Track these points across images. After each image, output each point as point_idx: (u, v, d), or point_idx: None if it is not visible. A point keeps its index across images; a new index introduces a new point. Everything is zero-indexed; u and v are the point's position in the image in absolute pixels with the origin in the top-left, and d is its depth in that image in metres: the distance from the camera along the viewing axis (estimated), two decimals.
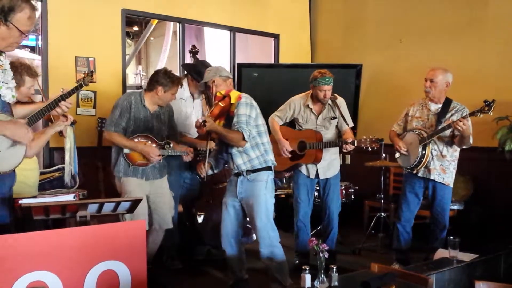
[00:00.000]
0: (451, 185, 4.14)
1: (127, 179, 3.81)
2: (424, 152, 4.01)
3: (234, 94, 3.42)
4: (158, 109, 3.93)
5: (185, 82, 4.36)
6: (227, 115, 3.46)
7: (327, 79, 4.10)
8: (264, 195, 3.41)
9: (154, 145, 3.80)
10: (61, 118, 3.31)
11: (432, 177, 4.08)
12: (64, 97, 2.77)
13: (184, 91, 4.33)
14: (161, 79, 3.79)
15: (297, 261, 4.34)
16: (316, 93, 4.18)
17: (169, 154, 3.83)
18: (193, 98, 4.41)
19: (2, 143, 2.54)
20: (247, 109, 3.38)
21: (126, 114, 3.78)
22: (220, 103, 3.41)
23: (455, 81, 5.14)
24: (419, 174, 4.14)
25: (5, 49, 2.55)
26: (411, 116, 4.24)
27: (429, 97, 4.14)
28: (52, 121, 3.45)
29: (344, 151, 4.08)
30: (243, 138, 3.33)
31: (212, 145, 4.20)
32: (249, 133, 3.35)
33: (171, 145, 3.83)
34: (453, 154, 4.11)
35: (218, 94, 3.48)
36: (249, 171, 3.44)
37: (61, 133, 3.41)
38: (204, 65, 4.38)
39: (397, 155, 4.27)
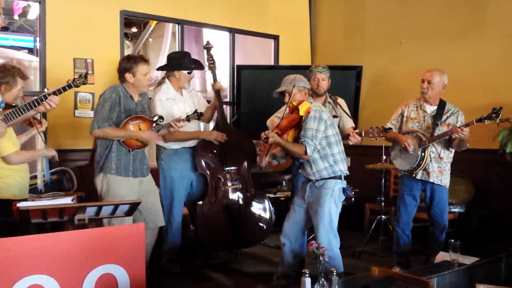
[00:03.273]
0: (448, 186, 4.15)
1: (118, 180, 3.67)
2: (423, 154, 4.00)
3: (304, 106, 3.43)
4: (140, 98, 3.86)
5: (167, 84, 4.29)
6: (299, 126, 3.52)
7: (319, 68, 4.16)
8: (328, 203, 3.48)
9: (145, 125, 3.71)
10: (35, 124, 3.40)
11: (431, 180, 4.08)
12: (46, 96, 2.72)
13: (168, 90, 4.25)
14: (124, 65, 3.72)
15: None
16: (311, 85, 4.15)
17: (163, 126, 3.80)
18: (181, 94, 4.34)
19: None
20: (315, 123, 3.44)
21: (116, 108, 3.65)
22: (289, 116, 3.48)
23: (455, 84, 5.13)
24: (418, 177, 4.12)
25: None
26: (406, 117, 4.23)
27: (426, 98, 4.14)
28: (32, 124, 3.51)
29: (350, 143, 3.98)
30: (306, 152, 3.41)
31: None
32: (314, 147, 3.43)
33: (163, 118, 3.78)
34: (449, 156, 4.14)
35: (291, 104, 3.54)
36: (318, 180, 3.54)
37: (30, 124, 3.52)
38: (171, 56, 4.41)
39: (393, 157, 4.24)
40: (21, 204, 2.78)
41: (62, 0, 4.86)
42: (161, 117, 3.76)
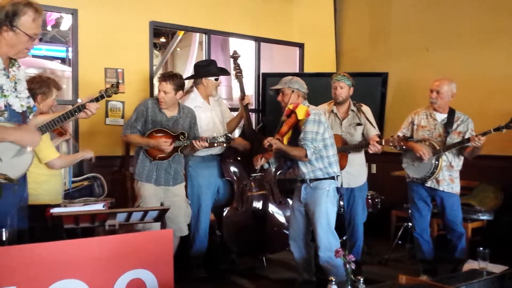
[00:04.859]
0: (458, 194, 4.14)
1: (142, 184, 3.98)
2: (437, 163, 3.99)
3: (301, 110, 3.50)
4: (177, 115, 4.02)
5: (195, 92, 4.40)
6: (295, 128, 3.59)
7: (338, 76, 4.24)
8: (325, 203, 3.53)
9: (167, 138, 3.86)
10: (58, 134, 3.58)
11: (441, 188, 4.06)
12: (81, 107, 2.80)
13: (196, 98, 4.37)
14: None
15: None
16: (332, 93, 4.27)
17: (184, 144, 3.91)
18: (209, 102, 4.44)
19: (9, 150, 2.51)
20: (315, 127, 3.51)
21: (142, 118, 3.97)
22: (288, 120, 3.55)
23: (483, 90, 5.07)
24: (427, 185, 4.10)
25: (16, 56, 2.56)
26: (417, 125, 4.23)
27: (435, 107, 4.14)
28: (61, 133, 3.66)
29: (370, 151, 4.03)
30: (306, 155, 3.46)
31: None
32: (314, 149, 3.49)
33: (186, 136, 3.93)
34: (459, 164, 4.13)
35: (287, 108, 3.60)
36: (312, 180, 3.58)
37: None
38: (198, 64, 4.58)
39: (405, 165, 4.21)
40: (55, 210, 2.87)
41: (93, 11, 5.01)
42: (182, 133, 3.92)
